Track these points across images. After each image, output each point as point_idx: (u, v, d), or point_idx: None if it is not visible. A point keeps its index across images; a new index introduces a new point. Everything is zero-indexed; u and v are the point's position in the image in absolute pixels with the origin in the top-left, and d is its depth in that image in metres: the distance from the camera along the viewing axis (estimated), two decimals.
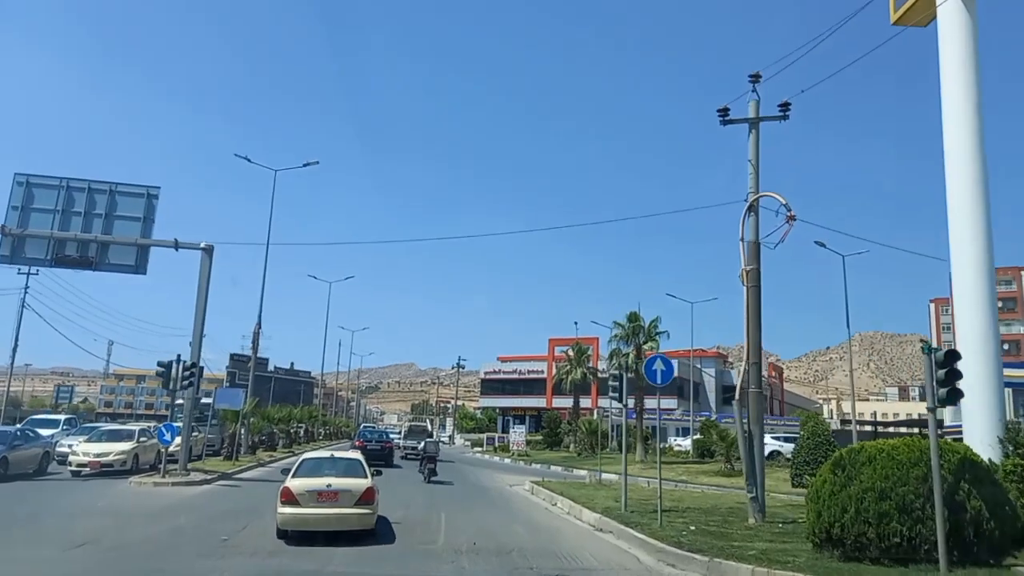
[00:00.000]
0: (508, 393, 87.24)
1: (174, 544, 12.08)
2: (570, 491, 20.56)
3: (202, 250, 21.88)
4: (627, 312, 38.22)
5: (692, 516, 15.91)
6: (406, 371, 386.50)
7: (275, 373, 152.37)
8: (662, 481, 16.86)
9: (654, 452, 43.37)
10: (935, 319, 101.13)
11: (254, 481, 22.41)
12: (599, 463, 30.05)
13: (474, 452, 58.62)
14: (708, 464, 36.44)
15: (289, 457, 34.01)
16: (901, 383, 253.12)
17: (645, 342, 37.44)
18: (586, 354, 50.63)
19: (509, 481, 27.22)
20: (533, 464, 40.37)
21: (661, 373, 15.20)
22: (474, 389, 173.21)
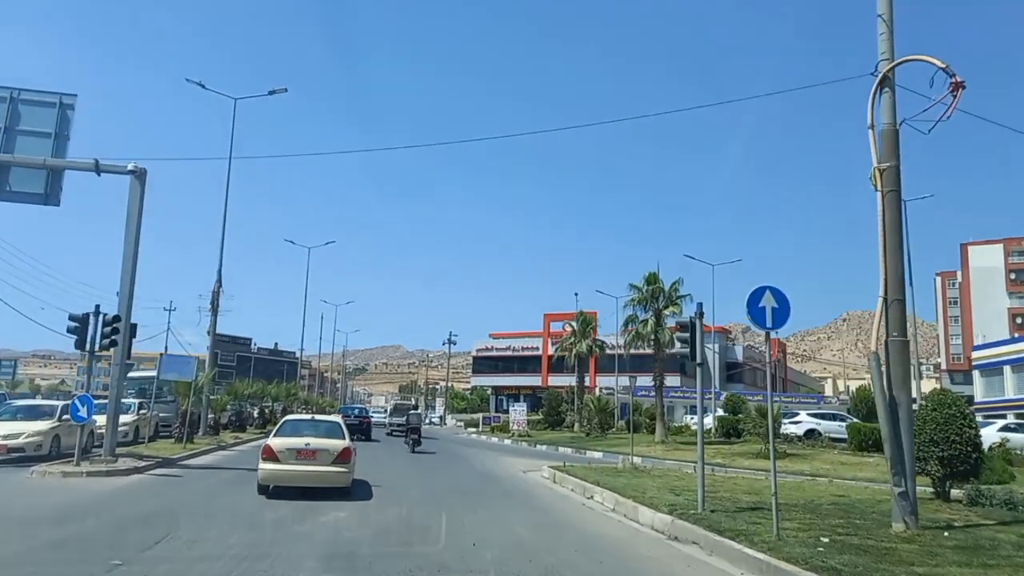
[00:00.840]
0: (501, 371, 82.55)
1: (40, 572, 7.35)
2: (607, 480, 15.85)
3: (131, 174, 16.88)
4: (644, 274, 33.54)
5: (801, 518, 11.25)
6: (393, 353, 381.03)
7: (258, 353, 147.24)
8: (687, 464, 12.11)
9: (674, 432, 38.96)
10: (941, 292, 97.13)
11: (205, 469, 17.57)
12: (630, 447, 25.40)
13: (468, 433, 54.04)
14: (737, 444, 31.92)
15: (262, 440, 29.26)
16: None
17: (666, 306, 32.77)
18: (591, 325, 45.92)
19: (520, 465, 22.52)
20: (538, 446, 35.75)
21: (773, 313, 10.26)
22: (462, 371, 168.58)
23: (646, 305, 33.21)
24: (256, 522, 10.40)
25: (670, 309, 32.58)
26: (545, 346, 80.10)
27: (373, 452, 25.02)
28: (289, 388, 43.29)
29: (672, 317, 32.89)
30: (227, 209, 25.58)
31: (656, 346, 33.21)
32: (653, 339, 32.82)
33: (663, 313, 32.80)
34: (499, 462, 24.25)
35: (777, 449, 25.83)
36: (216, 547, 8.38)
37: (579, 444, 34.27)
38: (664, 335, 32.42)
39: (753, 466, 24.16)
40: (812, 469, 22.87)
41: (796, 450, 27.58)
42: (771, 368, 12.18)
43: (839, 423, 33.31)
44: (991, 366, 51.69)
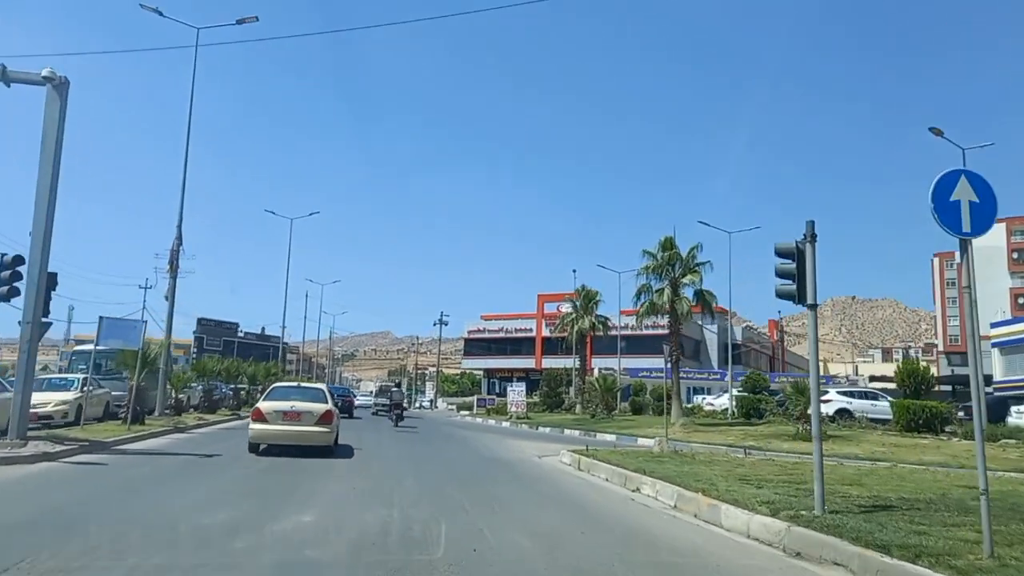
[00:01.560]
0: (494, 353, 79.04)
1: None
2: (653, 467, 12.34)
3: (47, 83, 13.10)
4: (659, 239, 29.95)
5: (972, 523, 7.76)
6: (383, 339, 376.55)
7: (245, 338, 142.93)
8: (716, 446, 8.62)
9: (689, 413, 35.64)
10: (939, 274, 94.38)
11: (145, 455, 13.91)
12: (665, 427, 21.98)
13: (462, 415, 50.53)
14: (762, 426, 28.57)
15: (231, 422, 25.53)
16: (872, 347, 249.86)
17: (683, 275, 29.25)
18: (594, 300, 42.36)
19: (529, 449, 19.03)
20: (540, 428, 32.28)
21: (971, 210, 6.68)
22: (452, 356, 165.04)
23: (661, 273, 29.68)
24: (179, 535, 6.81)
25: (688, 277, 29.06)
26: (539, 327, 76.69)
27: (356, 430, 23.41)
28: (269, 367, 39.48)
29: (690, 286, 29.39)
30: (188, 151, 21.74)
31: (673, 318, 29.73)
32: (669, 310, 29.33)
33: (680, 282, 29.28)
34: (504, 445, 20.72)
35: (807, 429, 22.36)
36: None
37: (586, 426, 30.84)
38: (682, 305, 28.92)
39: (795, 449, 20.78)
40: (866, 452, 19.55)
41: (834, 431, 24.23)
42: (776, 349, 9.17)
43: (871, 402, 30.03)
44: (1013, 343, 48.54)
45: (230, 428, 22.44)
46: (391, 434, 23.10)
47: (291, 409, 14.28)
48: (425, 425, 33.15)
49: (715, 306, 70.28)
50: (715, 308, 77.54)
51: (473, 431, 29.15)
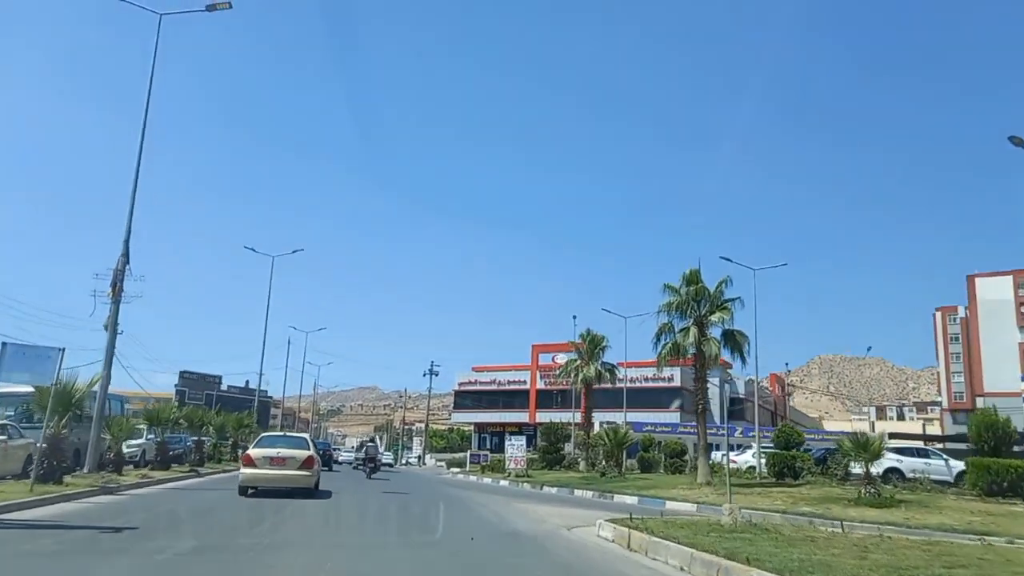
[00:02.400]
0: (485, 406, 74.52)
1: None
2: (750, 552, 8.42)
3: None
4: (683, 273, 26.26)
5: None
6: (369, 394, 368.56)
7: (228, 391, 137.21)
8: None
9: (718, 472, 31.59)
10: (942, 329, 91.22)
11: (31, 527, 9.79)
12: (728, 486, 17.97)
13: (453, 473, 45.96)
14: (803, 487, 24.56)
15: (185, 480, 21.29)
16: (861, 404, 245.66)
17: (710, 312, 25.53)
18: (601, 346, 38.48)
19: (550, 516, 14.93)
20: (545, 488, 28.05)
21: None
22: (439, 412, 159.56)
23: (685, 311, 25.96)
24: None
25: (717, 315, 25.32)
26: (534, 379, 72.52)
27: (332, 480, 23.42)
28: (241, 418, 35.17)
29: (718, 325, 25.65)
30: (142, 149, 18.03)
31: (699, 361, 25.88)
32: (695, 353, 25.52)
33: (708, 320, 25.54)
34: (514, 509, 16.61)
35: (877, 492, 18.43)
36: None
37: (597, 486, 26.68)
38: (710, 347, 25.12)
39: (873, 518, 16.85)
40: (961, 524, 15.57)
41: (902, 495, 20.27)
42: (778, 404, 6.41)
43: (924, 460, 26.15)
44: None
45: (177, 488, 18.25)
46: (365, 487, 22.99)
47: (277, 455, 15.91)
48: (414, 483, 28.86)
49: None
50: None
51: (471, 491, 24.94)
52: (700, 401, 25.98)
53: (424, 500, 18.41)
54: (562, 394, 71.40)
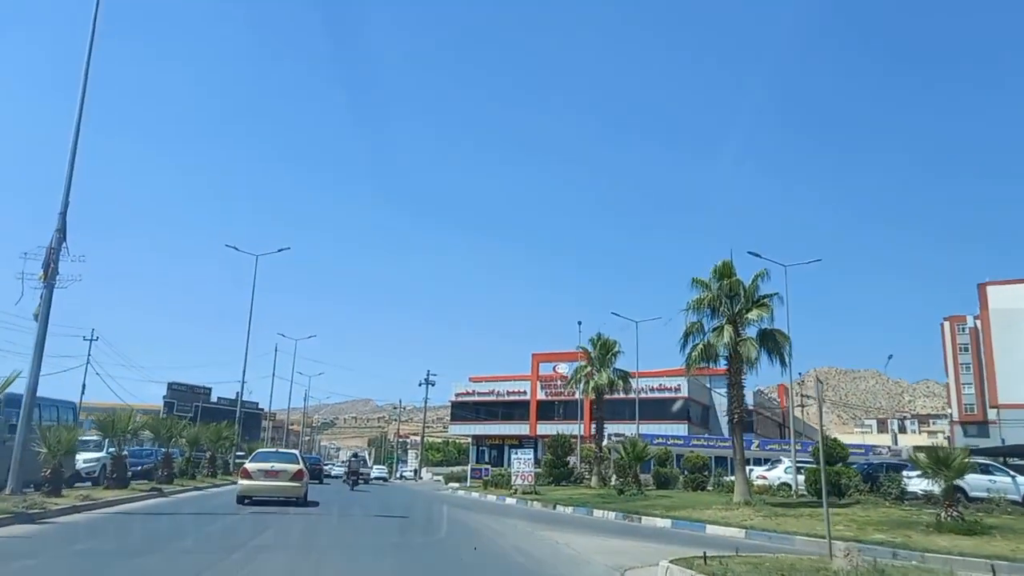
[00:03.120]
0: (483, 418, 71.02)
1: None
2: None
3: None
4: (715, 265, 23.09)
5: None
6: (363, 407, 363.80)
7: (218, 403, 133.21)
8: None
9: (727, 489, 28.35)
10: (951, 339, 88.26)
11: None
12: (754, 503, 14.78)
13: (453, 489, 42.50)
14: (854, 508, 21.35)
15: (140, 501, 17.96)
16: (857, 418, 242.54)
17: (746, 309, 22.37)
18: (613, 351, 35.23)
19: (585, 548, 11.69)
20: (560, 507, 24.74)
21: None
22: (433, 425, 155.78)
23: (716, 308, 22.82)
24: None
25: (755, 312, 22.12)
26: (534, 389, 69.14)
27: (320, 492, 25.12)
28: (220, 429, 31.77)
29: (754, 324, 22.46)
30: (82, 108, 14.79)
31: (733, 365, 22.67)
32: (730, 355, 22.32)
33: (744, 318, 22.37)
34: (540, 541, 13.33)
35: (961, 517, 15.23)
36: None
37: (617, 505, 23.41)
38: (747, 349, 21.91)
39: (971, 549, 13.71)
40: None
41: (994, 520, 17.11)
42: (785, 416, 4.33)
43: (988, 477, 22.96)
44: None
45: (123, 513, 14.90)
46: (349, 499, 23.54)
47: (271, 468, 18.02)
48: (410, 503, 25.55)
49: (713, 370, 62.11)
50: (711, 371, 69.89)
51: (478, 512, 21.65)
52: (737, 410, 22.72)
53: (425, 526, 15.14)
54: (564, 405, 68.10)
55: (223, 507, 17.74)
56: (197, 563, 8.60)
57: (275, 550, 10.17)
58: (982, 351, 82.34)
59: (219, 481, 29.50)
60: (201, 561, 8.75)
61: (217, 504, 18.78)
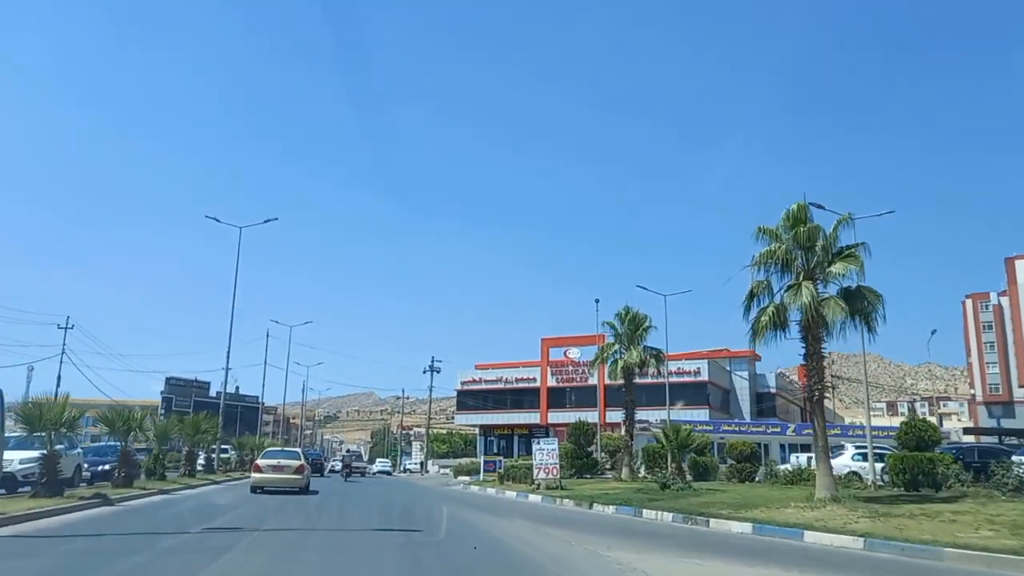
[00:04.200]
0: (492, 407, 66.74)
1: None
2: None
3: None
4: (785, 212, 18.73)
5: None
6: (366, 400, 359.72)
7: (216, 398, 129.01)
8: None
9: (789, 481, 24.20)
10: (973, 317, 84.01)
11: None
12: None
13: (463, 483, 38.15)
14: (963, 501, 17.13)
15: (76, 512, 13.65)
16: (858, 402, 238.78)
17: (828, 263, 18.04)
18: (644, 326, 30.84)
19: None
20: (597, 506, 20.43)
21: None
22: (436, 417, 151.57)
23: (787, 264, 18.49)
24: None
25: (839, 266, 17.76)
26: (544, 376, 64.87)
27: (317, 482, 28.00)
28: (198, 420, 27.51)
29: (838, 281, 18.12)
30: None
31: (812, 330, 18.24)
32: (809, 319, 17.93)
33: (827, 272, 18.01)
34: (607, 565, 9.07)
35: None
36: None
37: (668, 503, 19.15)
38: (832, 310, 17.55)
39: None
40: None
41: None
42: None
43: None
44: None
45: (18, 538, 10.55)
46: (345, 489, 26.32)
47: (277, 464, 22.24)
48: (417, 503, 21.26)
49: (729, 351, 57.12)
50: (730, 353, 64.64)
51: (504, 517, 17.39)
52: (817, 387, 18.31)
53: (439, 550, 10.79)
54: (576, 392, 63.83)
55: (178, 521, 13.43)
56: None
57: None
58: (1009, 328, 78.18)
59: (196, 481, 25.23)
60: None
61: (172, 516, 14.44)
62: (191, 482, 24.53)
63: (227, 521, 13.44)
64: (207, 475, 28.88)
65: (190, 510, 15.83)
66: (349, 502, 20.79)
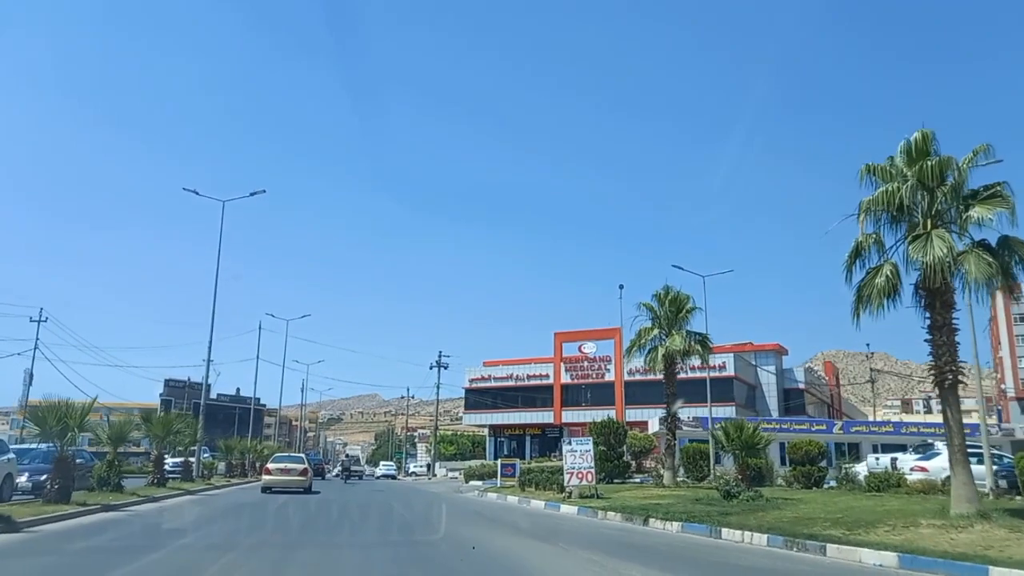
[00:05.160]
0: (502, 406, 62.42)
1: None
2: None
3: None
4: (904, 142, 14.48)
5: None
6: (370, 402, 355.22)
7: (217, 400, 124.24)
8: None
9: (915, 484, 19.87)
10: (1003, 309, 79.56)
11: None
12: None
13: (476, 489, 33.48)
14: None
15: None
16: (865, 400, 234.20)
17: (965, 207, 13.69)
18: (686, 307, 26.49)
19: None
20: (654, 522, 16.05)
21: None
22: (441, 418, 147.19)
23: (905, 210, 14.22)
24: None
25: (979, 210, 13.43)
26: (557, 372, 60.56)
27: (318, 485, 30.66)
28: (168, 420, 23.37)
29: (972, 232, 13.83)
30: None
31: (939, 296, 13.90)
32: (942, 281, 13.55)
33: (966, 217, 13.69)
34: None
35: None
36: None
37: (742, 517, 14.87)
38: (977, 266, 13.25)
39: None
40: None
41: None
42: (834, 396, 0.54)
43: None
44: None
45: None
46: None
47: (284, 467, 25.86)
48: (424, 521, 16.93)
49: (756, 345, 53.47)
50: (755, 347, 60.03)
51: (553, 542, 13.08)
52: (949, 369, 13.90)
53: None
54: (592, 389, 59.54)
55: (88, 561, 9.13)
56: None
57: None
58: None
59: (164, 492, 20.90)
60: None
61: (84, 552, 10.11)
62: (156, 492, 20.24)
63: (164, 558, 9.19)
64: (182, 484, 24.64)
65: (123, 539, 11.58)
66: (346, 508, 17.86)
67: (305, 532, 13.28)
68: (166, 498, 19.72)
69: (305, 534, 12.87)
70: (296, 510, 18.08)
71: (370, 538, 12.89)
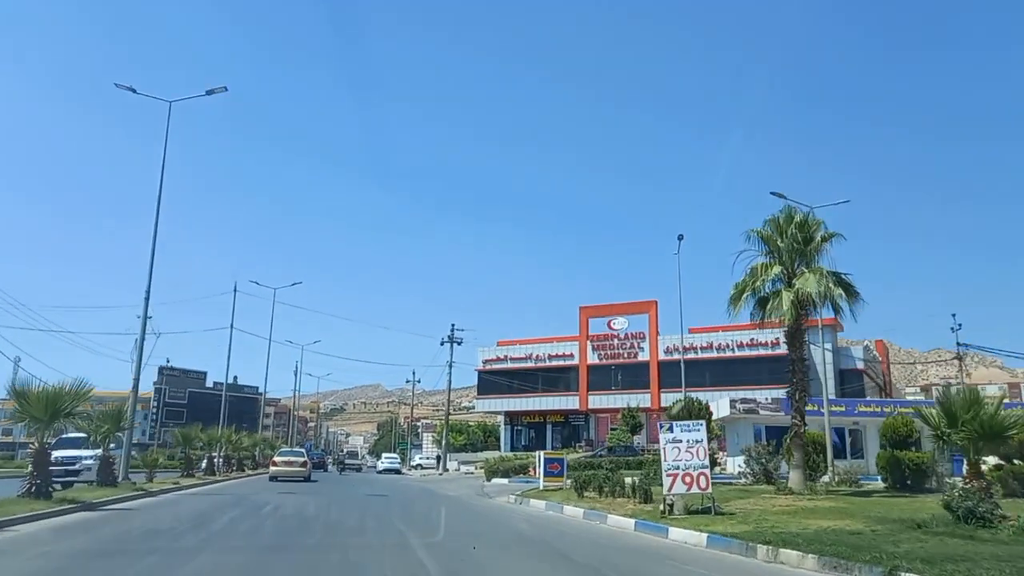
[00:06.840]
0: (519, 390, 54.58)
1: None
2: None
3: None
4: None
5: None
6: (372, 392, 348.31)
7: (214, 388, 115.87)
8: None
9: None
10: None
11: None
12: None
13: (511, 494, 24.63)
14: None
15: None
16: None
17: None
18: (820, 235, 18.54)
19: None
20: (861, 572, 8.21)
21: None
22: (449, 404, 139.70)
23: None
24: None
25: None
26: (583, 352, 52.74)
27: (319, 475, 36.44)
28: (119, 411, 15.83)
29: None
30: None
31: None
32: None
33: None
34: None
35: None
36: None
37: None
38: None
39: None
40: None
41: None
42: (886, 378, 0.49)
43: None
44: None
45: None
46: None
47: (288, 460, 30.35)
48: None
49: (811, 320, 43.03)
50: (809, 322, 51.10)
51: None
52: None
53: None
54: (623, 369, 51.68)
55: None
56: None
57: None
58: None
59: (109, 496, 13.15)
60: None
61: None
62: (99, 496, 12.41)
63: None
64: (145, 485, 16.98)
65: None
66: None
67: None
68: (106, 506, 11.97)
69: None
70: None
71: None
